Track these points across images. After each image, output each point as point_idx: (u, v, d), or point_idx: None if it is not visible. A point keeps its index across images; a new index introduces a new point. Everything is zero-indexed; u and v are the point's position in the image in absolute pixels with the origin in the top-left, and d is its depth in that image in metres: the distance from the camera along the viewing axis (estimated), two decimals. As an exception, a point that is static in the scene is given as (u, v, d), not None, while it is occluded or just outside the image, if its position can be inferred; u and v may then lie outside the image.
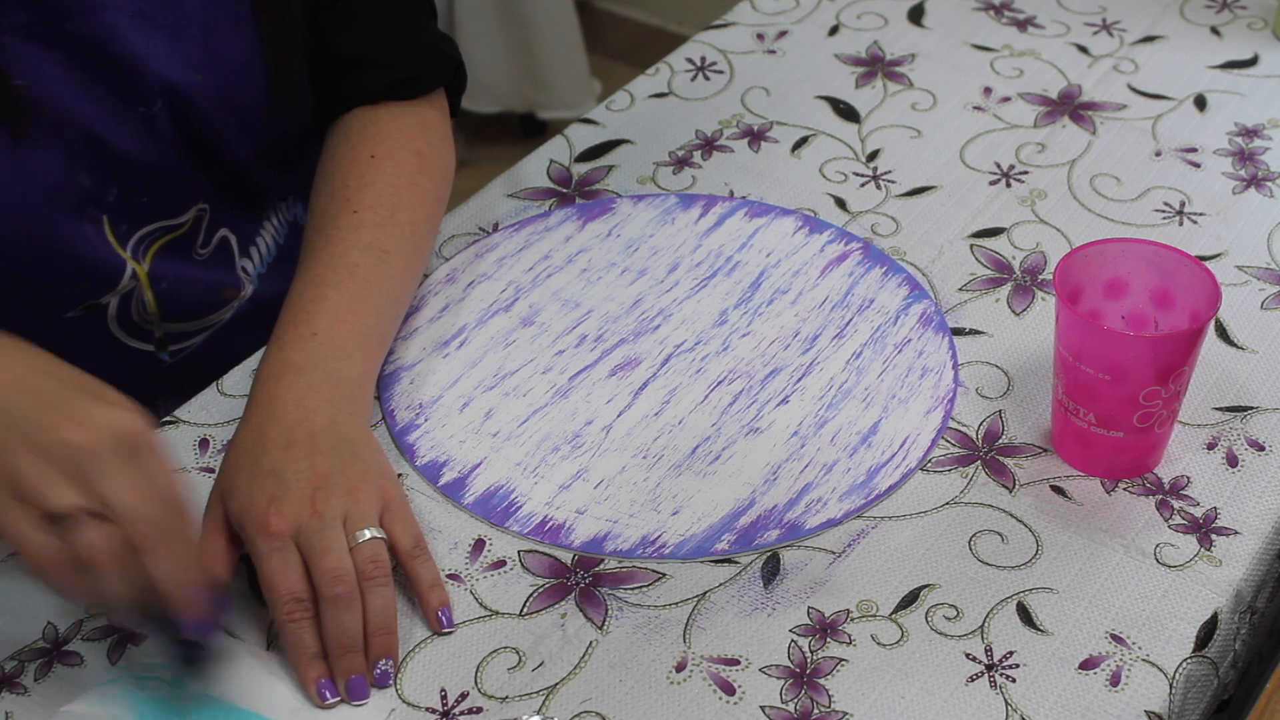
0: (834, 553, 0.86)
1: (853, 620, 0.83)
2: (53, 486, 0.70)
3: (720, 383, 0.97)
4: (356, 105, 1.04)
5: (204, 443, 0.94)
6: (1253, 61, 1.24)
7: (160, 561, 0.72)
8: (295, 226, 1.14)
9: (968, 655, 0.81)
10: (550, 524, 0.88)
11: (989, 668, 0.80)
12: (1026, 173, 1.13)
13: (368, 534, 0.82)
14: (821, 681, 0.80)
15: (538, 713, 0.79)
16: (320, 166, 1.03)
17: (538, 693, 0.80)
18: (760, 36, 1.29)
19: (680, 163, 1.15)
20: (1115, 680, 0.79)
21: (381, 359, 0.95)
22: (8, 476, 0.70)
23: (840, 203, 1.10)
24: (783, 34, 1.29)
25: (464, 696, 0.80)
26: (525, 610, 0.84)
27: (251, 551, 0.81)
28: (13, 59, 0.88)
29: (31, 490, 0.70)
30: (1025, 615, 0.82)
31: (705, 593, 0.84)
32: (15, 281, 0.94)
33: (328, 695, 0.80)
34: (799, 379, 0.97)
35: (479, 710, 0.79)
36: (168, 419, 0.96)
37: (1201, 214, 1.08)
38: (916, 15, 1.31)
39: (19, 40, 0.89)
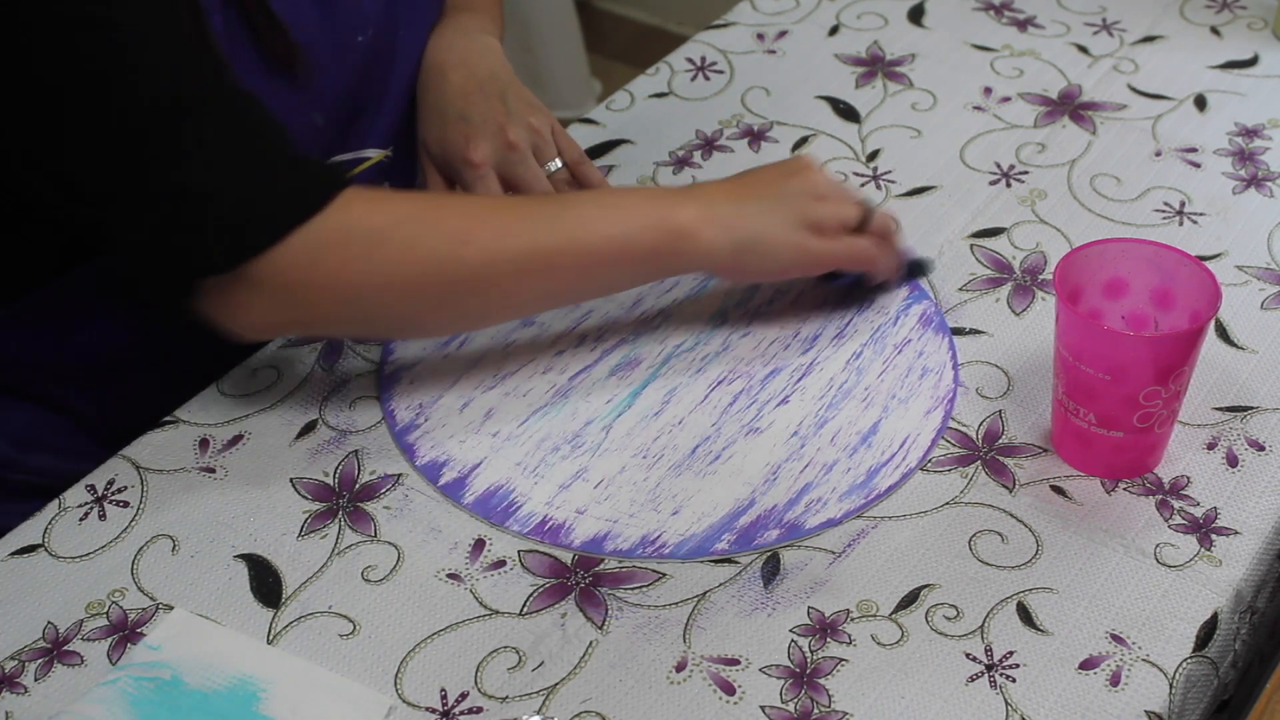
0: (834, 553, 0.86)
1: (853, 620, 0.83)
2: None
3: (720, 382, 0.97)
4: None
5: (204, 443, 0.94)
6: (1253, 61, 1.24)
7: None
8: None
9: (968, 655, 0.81)
10: (550, 524, 0.88)
11: (989, 668, 0.80)
12: (1026, 173, 1.13)
13: (555, 165, 1.04)
14: (821, 681, 0.80)
15: (538, 713, 0.79)
16: None
17: (538, 693, 0.80)
18: (760, 36, 1.29)
19: (680, 163, 1.15)
20: (1115, 680, 0.79)
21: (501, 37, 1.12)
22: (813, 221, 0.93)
23: (840, 203, 1.10)
24: (783, 34, 1.29)
25: (464, 696, 0.80)
26: (525, 610, 0.84)
27: (460, 184, 1.03)
28: (283, 7, 0.92)
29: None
30: (1025, 615, 0.82)
31: (705, 593, 0.84)
32: None
33: None
34: (799, 379, 0.97)
35: (479, 710, 0.79)
36: (167, 419, 0.96)
37: (1201, 214, 1.08)
38: (916, 15, 1.31)
39: None
